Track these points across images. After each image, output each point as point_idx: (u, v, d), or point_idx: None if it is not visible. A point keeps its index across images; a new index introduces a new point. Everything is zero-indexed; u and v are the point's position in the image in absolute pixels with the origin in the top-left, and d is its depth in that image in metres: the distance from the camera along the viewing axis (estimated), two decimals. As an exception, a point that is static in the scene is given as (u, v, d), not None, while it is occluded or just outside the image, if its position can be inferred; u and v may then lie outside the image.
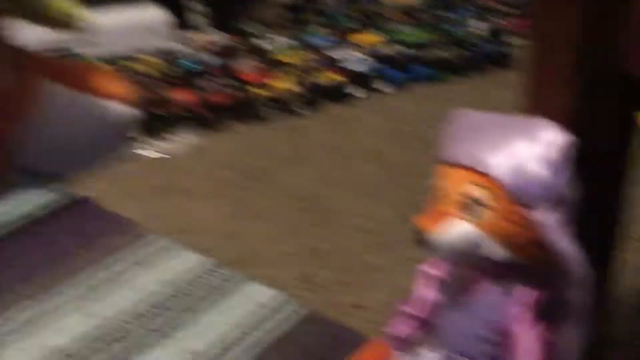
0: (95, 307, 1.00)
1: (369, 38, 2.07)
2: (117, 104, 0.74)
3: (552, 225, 0.55)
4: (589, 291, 0.58)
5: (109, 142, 0.82)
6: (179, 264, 1.08)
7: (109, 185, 1.38)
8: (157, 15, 1.97)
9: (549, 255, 0.57)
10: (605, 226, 0.66)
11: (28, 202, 0.86)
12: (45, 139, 0.74)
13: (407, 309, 0.74)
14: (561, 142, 0.53)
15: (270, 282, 1.04)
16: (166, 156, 1.52)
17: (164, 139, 1.58)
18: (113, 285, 1.05)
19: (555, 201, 0.55)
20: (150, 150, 1.54)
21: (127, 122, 0.77)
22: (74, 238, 0.93)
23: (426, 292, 0.73)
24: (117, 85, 0.74)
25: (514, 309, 0.60)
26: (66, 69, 0.75)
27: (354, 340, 0.90)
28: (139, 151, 1.53)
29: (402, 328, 0.74)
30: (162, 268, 1.07)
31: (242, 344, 0.91)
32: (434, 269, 0.72)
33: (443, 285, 0.69)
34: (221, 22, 2.01)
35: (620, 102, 0.58)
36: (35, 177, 0.84)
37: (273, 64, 1.92)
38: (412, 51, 1.96)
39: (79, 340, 0.83)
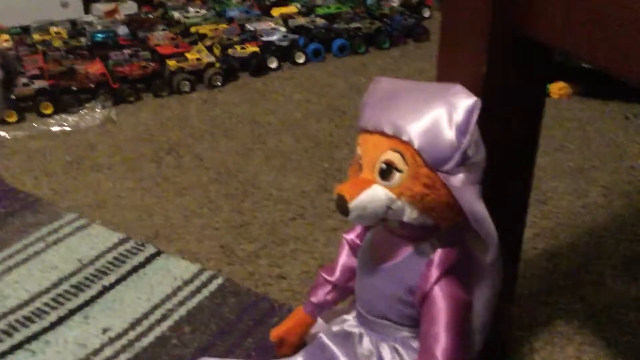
0: (9, 289, 0.97)
1: (285, 9, 2.06)
2: None
3: (462, 187, 0.57)
4: (499, 252, 0.60)
5: None
6: (95, 242, 1.06)
7: (17, 163, 1.33)
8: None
9: (461, 217, 0.59)
10: (514, 189, 0.69)
11: None
12: None
13: (326, 275, 0.75)
14: (470, 106, 0.55)
15: (190, 257, 1.03)
16: (76, 130, 1.47)
17: (73, 112, 1.53)
18: (30, 266, 1.02)
19: (466, 164, 0.57)
20: (59, 125, 1.49)
21: None
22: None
23: (344, 259, 0.74)
24: None
25: (429, 271, 0.62)
26: None
27: (271, 309, 0.91)
28: (48, 126, 1.48)
29: (321, 294, 0.76)
30: (79, 247, 1.05)
31: (154, 318, 0.90)
32: (352, 236, 0.73)
33: (361, 250, 0.70)
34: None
35: (528, 67, 0.60)
36: None
37: (188, 35, 1.89)
38: (327, 23, 1.97)
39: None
